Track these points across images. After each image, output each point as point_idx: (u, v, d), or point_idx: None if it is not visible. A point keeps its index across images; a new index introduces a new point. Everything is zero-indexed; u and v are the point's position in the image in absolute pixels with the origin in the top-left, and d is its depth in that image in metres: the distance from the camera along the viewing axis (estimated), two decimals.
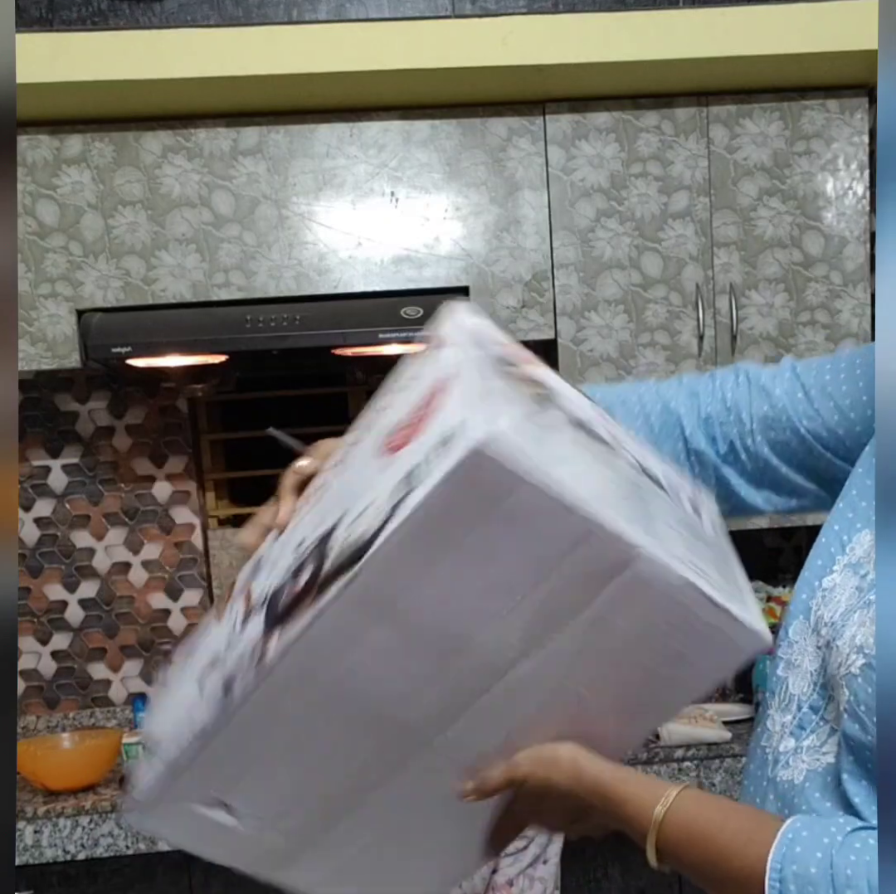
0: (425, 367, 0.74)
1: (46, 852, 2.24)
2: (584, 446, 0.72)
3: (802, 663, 0.85)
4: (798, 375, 0.97)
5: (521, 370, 0.74)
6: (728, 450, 0.97)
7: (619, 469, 0.74)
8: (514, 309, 2.50)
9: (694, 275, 2.53)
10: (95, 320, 2.39)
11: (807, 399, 0.95)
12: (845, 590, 0.83)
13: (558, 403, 0.75)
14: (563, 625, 0.70)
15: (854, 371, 0.94)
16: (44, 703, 2.79)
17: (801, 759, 0.82)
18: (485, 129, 2.47)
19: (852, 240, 2.53)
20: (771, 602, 2.69)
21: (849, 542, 0.86)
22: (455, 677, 0.71)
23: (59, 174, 2.41)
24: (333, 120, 2.45)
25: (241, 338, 2.37)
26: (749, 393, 0.97)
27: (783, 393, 0.96)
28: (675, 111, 2.49)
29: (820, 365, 0.97)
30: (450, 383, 0.67)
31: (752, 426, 0.96)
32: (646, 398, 1.00)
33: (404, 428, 0.68)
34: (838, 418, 0.93)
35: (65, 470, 2.77)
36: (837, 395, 0.94)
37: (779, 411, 0.95)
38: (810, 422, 0.94)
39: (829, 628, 0.81)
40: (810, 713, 0.83)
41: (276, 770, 0.76)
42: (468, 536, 0.65)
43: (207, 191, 2.44)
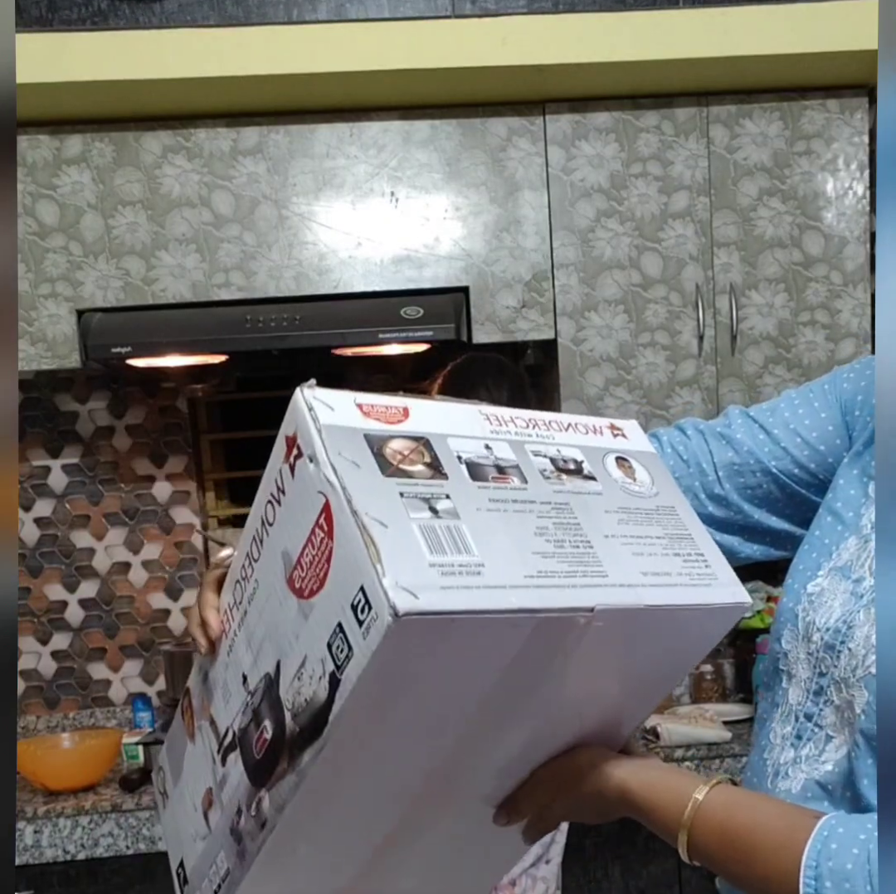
0: (299, 483, 0.70)
1: (46, 852, 2.24)
2: (488, 518, 0.70)
3: (797, 672, 0.84)
4: (753, 419, 0.96)
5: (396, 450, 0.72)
6: (692, 501, 0.96)
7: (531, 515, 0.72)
8: (514, 309, 2.50)
9: (694, 275, 2.52)
10: (95, 320, 2.39)
11: (770, 439, 0.94)
12: (836, 594, 0.82)
13: (445, 458, 0.73)
14: (538, 689, 0.72)
15: (812, 405, 0.94)
16: (44, 703, 2.79)
17: (800, 769, 0.82)
18: (485, 129, 2.47)
19: (852, 241, 2.53)
20: (771, 602, 2.69)
21: (835, 549, 0.85)
22: (445, 755, 0.74)
23: (59, 174, 2.41)
24: (333, 120, 2.45)
25: (241, 338, 2.37)
26: (706, 443, 0.97)
27: (744, 436, 0.95)
28: (675, 111, 2.49)
29: (772, 406, 0.96)
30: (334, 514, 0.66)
31: (717, 474, 0.96)
32: None
33: (305, 569, 0.68)
34: (808, 453, 0.93)
35: (65, 470, 2.77)
36: (802, 430, 0.93)
37: (745, 455, 0.95)
38: (779, 461, 0.94)
39: (828, 633, 0.81)
40: (805, 721, 0.83)
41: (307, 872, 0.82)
42: (418, 678, 0.67)
43: (207, 191, 2.44)
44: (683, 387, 2.54)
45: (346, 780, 0.72)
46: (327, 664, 0.66)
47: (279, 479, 0.73)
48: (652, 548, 0.74)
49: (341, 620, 0.65)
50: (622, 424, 0.86)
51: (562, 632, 0.68)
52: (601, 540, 0.72)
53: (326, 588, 0.66)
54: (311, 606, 0.68)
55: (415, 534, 0.65)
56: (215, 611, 0.81)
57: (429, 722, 0.71)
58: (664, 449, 0.99)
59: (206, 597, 0.82)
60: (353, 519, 0.65)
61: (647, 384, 2.54)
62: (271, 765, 0.72)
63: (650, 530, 0.76)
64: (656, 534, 0.76)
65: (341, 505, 0.66)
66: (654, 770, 0.78)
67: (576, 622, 0.67)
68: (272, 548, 0.73)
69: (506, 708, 0.73)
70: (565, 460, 0.78)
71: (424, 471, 0.70)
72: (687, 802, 0.74)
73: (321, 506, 0.67)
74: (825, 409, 0.93)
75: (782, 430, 0.94)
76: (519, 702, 0.73)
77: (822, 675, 0.82)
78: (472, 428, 0.77)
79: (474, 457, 0.74)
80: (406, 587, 0.62)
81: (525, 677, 0.70)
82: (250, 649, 0.75)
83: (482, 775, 0.79)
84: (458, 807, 0.81)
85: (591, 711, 0.78)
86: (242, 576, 0.78)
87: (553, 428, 0.81)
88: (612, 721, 0.80)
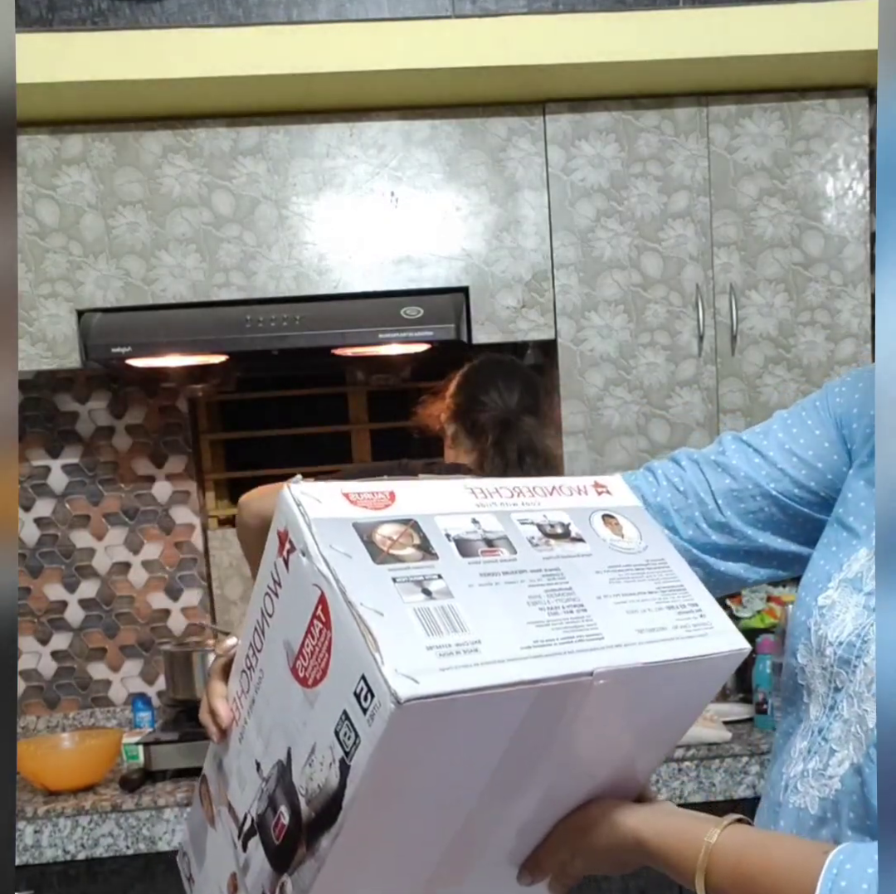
0: (294, 576, 0.72)
1: (46, 852, 2.24)
2: (481, 593, 0.71)
3: (815, 686, 0.84)
4: (747, 443, 0.96)
5: (385, 535, 0.73)
6: (693, 533, 0.96)
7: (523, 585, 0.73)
8: (514, 309, 2.50)
9: (694, 275, 2.52)
10: (95, 320, 2.39)
11: (766, 462, 0.94)
12: (847, 607, 0.82)
13: (434, 537, 0.74)
14: (547, 753, 0.74)
15: (805, 423, 0.93)
16: (44, 703, 2.79)
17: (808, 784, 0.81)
18: (485, 129, 2.47)
19: (852, 241, 2.53)
20: (771, 602, 2.69)
21: (846, 561, 0.85)
22: (462, 824, 0.76)
23: (59, 174, 2.41)
24: (333, 120, 2.45)
25: (241, 338, 2.37)
26: (702, 473, 0.96)
27: (739, 461, 0.95)
28: (675, 111, 2.49)
29: (765, 428, 0.96)
30: (330, 606, 0.68)
31: (716, 503, 0.95)
32: None
33: (307, 658, 0.70)
34: (806, 471, 0.92)
35: (65, 470, 2.77)
36: (798, 450, 0.93)
37: (742, 481, 0.94)
38: (778, 482, 0.93)
39: (841, 647, 0.80)
40: (816, 734, 0.83)
41: None
42: (427, 758, 0.68)
43: (207, 191, 2.44)
44: (683, 387, 2.54)
45: (365, 859, 0.73)
46: (336, 750, 0.68)
47: (275, 572, 0.75)
48: (645, 604, 0.76)
49: (346, 708, 0.67)
50: (606, 481, 0.87)
51: (563, 698, 0.69)
52: (594, 602, 0.74)
53: (329, 677, 0.68)
54: (316, 694, 0.70)
55: (410, 619, 0.67)
56: (224, 699, 0.81)
57: (442, 797, 0.73)
58: (660, 482, 0.98)
59: (214, 687, 0.82)
60: (348, 609, 0.66)
61: (647, 384, 2.54)
62: (291, 850, 0.74)
63: (642, 586, 0.77)
64: (648, 589, 0.77)
65: (336, 596, 0.67)
66: (667, 816, 0.79)
67: (576, 687, 0.69)
68: (274, 639, 0.75)
69: (517, 776, 0.74)
70: (552, 525, 0.79)
71: (415, 554, 0.72)
72: (700, 847, 0.75)
73: (317, 598, 0.69)
74: (819, 426, 0.93)
75: (778, 452, 0.94)
76: (528, 769, 0.74)
77: (837, 690, 0.81)
78: (459, 503, 0.78)
79: (462, 534, 0.75)
80: (405, 673, 0.63)
81: (532, 744, 0.72)
82: (261, 736, 0.77)
83: (501, 838, 0.80)
84: (481, 870, 0.82)
85: (603, 766, 0.79)
86: (248, 666, 0.79)
87: (538, 493, 0.82)
88: (625, 772, 0.81)
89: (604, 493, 0.85)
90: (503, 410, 2.20)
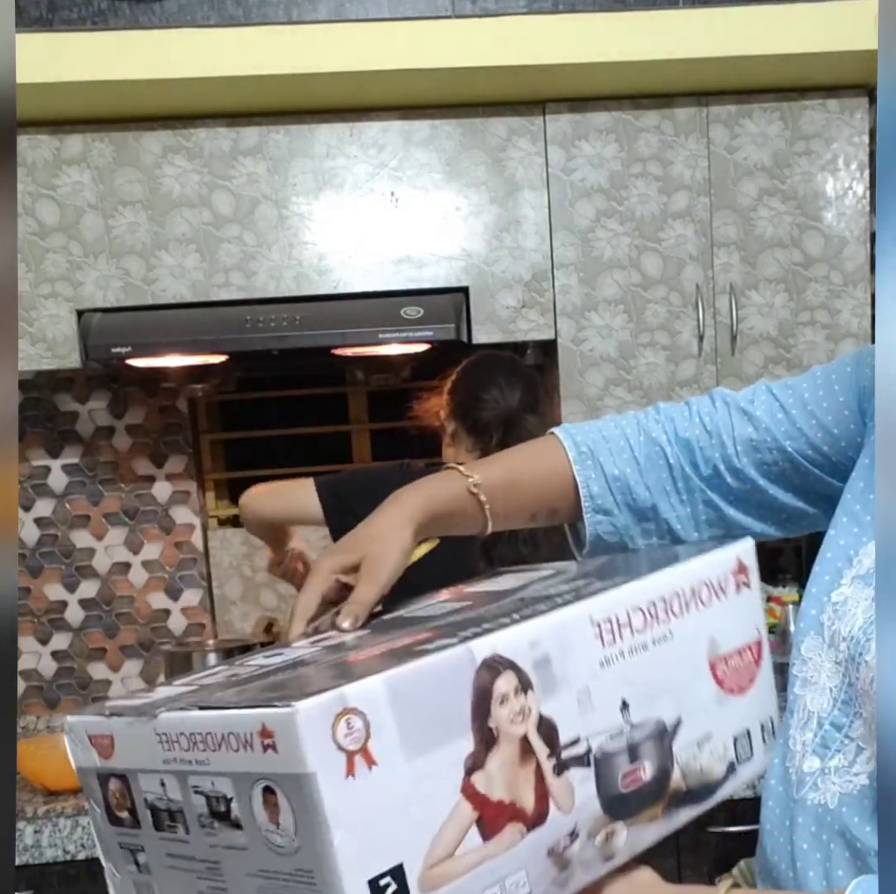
0: None
1: (46, 852, 2.24)
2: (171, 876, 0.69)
3: (819, 679, 0.84)
4: (776, 396, 0.98)
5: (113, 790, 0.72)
6: (712, 473, 0.98)
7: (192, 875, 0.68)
8: (514, 309, 2.50)
9: (694, 275, 2.53)
10: (95, 320, 2.39)
11: (787, 419, 0.96)
12: (859, 602, 0.82)
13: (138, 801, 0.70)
14: None
15: (832, 387, 0.95)
16: (44, 703, 2.79)
17: (830, 781, 0.81)
18: (485, 129, 2.47)
19: (852, 241, 2.53)
20: (771, 602, 2.69)
21: (855, 556, 0.86)
22: None
23: (59, 174, 2.41)
24: (333, 120, 2.45)
25: (241, 338, 2.36)
26: (729, 416, 0.98)
27: (763, 414, 0.97)
28: (675, 111, 2.49)
29: (796, 384, 0.98)
30: None
31: (735, 449, 0.97)
32: (628, 431, 1.00)
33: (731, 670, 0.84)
34: (822, 435, 0.94)
35: (65, 470, 2.77)
36: (819, 412, 0.94)
37: (762, 432, 0.96)
38: (794, 441, 0.95)
39: (850, 642, 0.81)
40: (833, 731, 0.82)
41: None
42: None
43: (207, 191, 2.44)
44: (683, 387, 2.54)
45: None
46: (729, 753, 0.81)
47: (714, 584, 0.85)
48: None
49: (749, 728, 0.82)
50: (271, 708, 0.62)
51: None
52: None
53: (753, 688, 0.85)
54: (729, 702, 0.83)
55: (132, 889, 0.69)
56: None
57: None
58: (692, 417, 1.00)
59: None
60: None
61: (647, 384, 2.54)
62: (639, 805, 0.76)
63: None
64: None
65: None
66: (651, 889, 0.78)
67: None
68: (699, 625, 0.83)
69: None
70: (217, 798, 0.63)
71: (128, 819, 0.68)
72: None
73: None
74: (844, 393, 0.94)
75: (800, 411, 0.95)
76: None
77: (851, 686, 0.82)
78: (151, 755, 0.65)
79: (155, 800, 0.66)
80: None
81: None
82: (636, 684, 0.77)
83: None
84: None
85: None
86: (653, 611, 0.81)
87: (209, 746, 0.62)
88: None
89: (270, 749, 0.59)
90: (505, 408, 2.17)
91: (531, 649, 0.69)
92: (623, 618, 0.77)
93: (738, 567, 0.85)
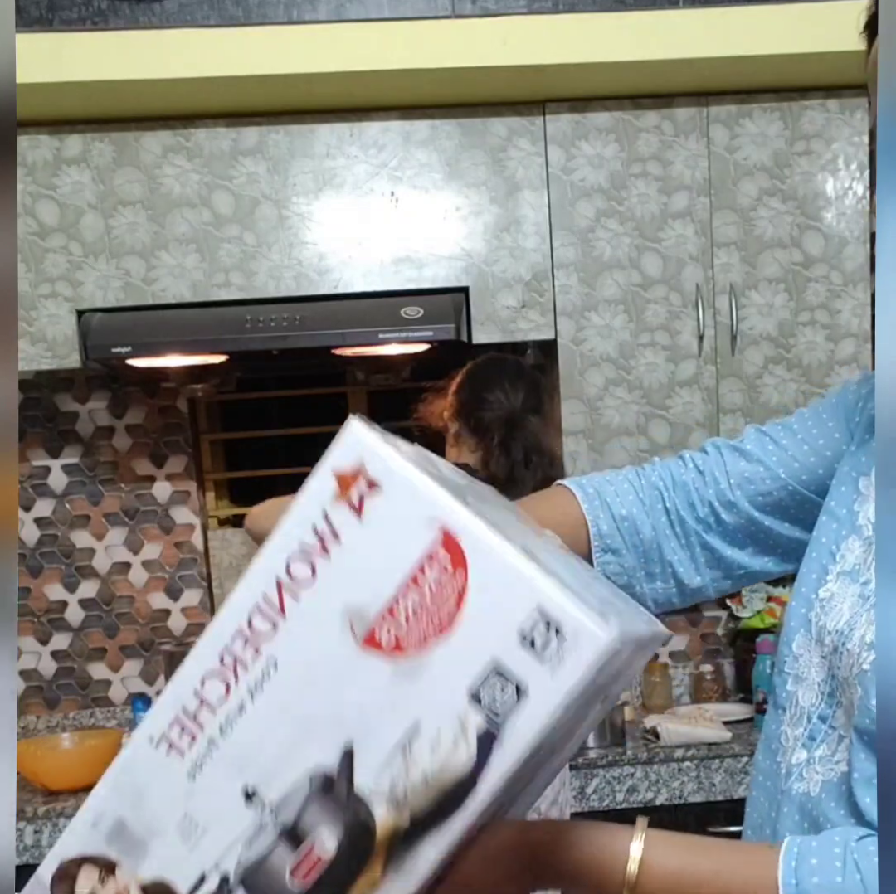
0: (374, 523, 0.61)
1: (46, 852, 2.23)
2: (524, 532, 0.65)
3: (809, 675, 0.86)
4: (764, 432, 1.00)
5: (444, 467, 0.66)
6: (708, 511, 0.99)
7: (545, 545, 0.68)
8: (514, 309, 2.50)
9: (694, 276, 2.53)
10: (95, 320, 2.39)
11: (778, 448, 0.98)
12: (845, 598, 0.84)
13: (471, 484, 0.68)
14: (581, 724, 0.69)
15: (820, 416, 0.98)
16: (44, 703, 2.79)
17: (814, 770, 0.82)
18: (485, 129, 2.47)
19: (852, 241, 2.53)
20: (771, 602, 2.69)
21: (837, 551, 0.87)
22: None
23: (59, 174, 2.41)
24: (333, 120, 2.45)
25: (241, 338, 2.37)
26: (721, 456, 1.00)
27: (754, 447, 0.99)
28: (675, 111, 2.49)
29: (784, 421, 1.01)
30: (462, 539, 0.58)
31: (728, 482, 0.98)
32: (630, 477, 1.03)
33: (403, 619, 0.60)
34: (815, 459, 0.96)
35: (65, 470, 2.77)
36: (809, 439, 0.97)
37: (755, 464, 0.98)
38: (787, 468, 0.97)
39: (835, 635, 0.82)
40: (819, 723, 0.84)
41: None
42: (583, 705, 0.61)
43: (207, 191, 2.44)
44: (683, 387, 2.54)
45: None
46: (471, 720, 0.58)
47: (326, 525, 0.62)
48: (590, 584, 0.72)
49: (497, 657, 0.57)
50: None
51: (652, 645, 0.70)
52: None
53: (459, 629, 0.58)
54: (423, 662, 0.59)
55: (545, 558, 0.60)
56: None
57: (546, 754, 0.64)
58: (687, 465, 1.02)
59: None
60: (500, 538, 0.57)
61: (647, 384, 2.54)
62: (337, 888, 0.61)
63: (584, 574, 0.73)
64: None
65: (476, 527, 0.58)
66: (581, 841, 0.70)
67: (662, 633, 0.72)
68: (315, 610, 0.62)
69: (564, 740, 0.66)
70: None
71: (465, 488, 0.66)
72: (622, 861, 0.68)
73: (433, 536, 0.59)
74: (832, 419, 0.97)
75: (790, 440, 0.98)
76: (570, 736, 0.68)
77: (833, 677, 0.83)
78: None
79: None
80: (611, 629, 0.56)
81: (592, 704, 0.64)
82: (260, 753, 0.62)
83: None
84: None
85: None
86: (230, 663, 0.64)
87: None
88: None
89: None
90: (508, 409, 2.18)
91: (94, 829, 0.65)
92: (191, 705, 0.63)
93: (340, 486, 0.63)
